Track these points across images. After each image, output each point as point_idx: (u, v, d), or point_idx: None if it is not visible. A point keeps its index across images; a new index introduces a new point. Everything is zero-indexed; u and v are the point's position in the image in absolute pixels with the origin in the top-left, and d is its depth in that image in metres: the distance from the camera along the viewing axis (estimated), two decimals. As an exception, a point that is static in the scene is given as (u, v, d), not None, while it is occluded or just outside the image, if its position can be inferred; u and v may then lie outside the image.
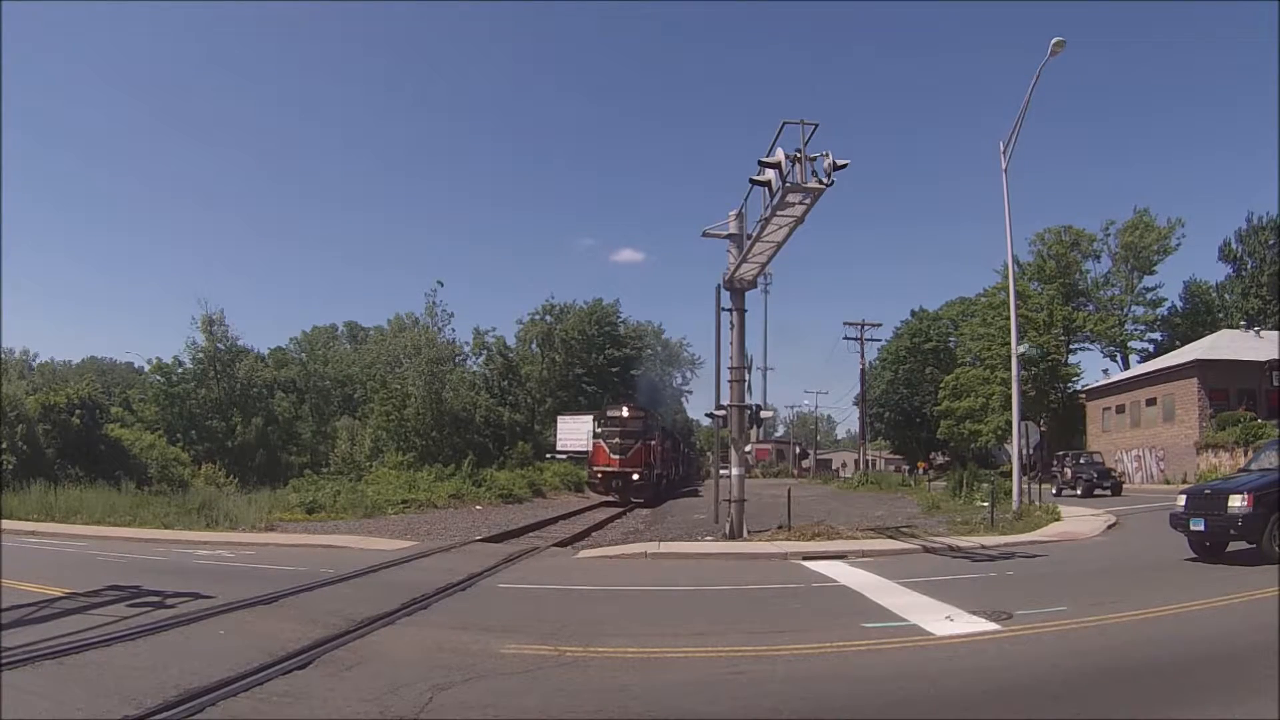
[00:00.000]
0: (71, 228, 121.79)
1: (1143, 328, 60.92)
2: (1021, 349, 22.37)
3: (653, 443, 33.15)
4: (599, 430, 33.21)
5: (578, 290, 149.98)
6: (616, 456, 31.53)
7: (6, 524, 16.37)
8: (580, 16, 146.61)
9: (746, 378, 18.74)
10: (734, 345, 17.14)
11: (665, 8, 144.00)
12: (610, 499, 31.11)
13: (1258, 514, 11.25)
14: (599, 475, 32.37)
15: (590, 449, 34.08)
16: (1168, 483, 36.60)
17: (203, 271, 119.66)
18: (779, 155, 11.87)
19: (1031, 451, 23.23)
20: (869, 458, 63.36)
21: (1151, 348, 59.11)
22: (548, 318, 61.41)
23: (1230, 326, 49.30)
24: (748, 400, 17.69)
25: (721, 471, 19.55)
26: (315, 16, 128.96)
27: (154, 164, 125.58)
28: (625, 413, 33.53)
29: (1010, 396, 23.15)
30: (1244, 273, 57.93)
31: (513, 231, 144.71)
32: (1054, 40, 18.43)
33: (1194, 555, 12.19)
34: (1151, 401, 43.98)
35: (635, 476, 31.04)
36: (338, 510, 22.93)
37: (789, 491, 19.82)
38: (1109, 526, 17.95)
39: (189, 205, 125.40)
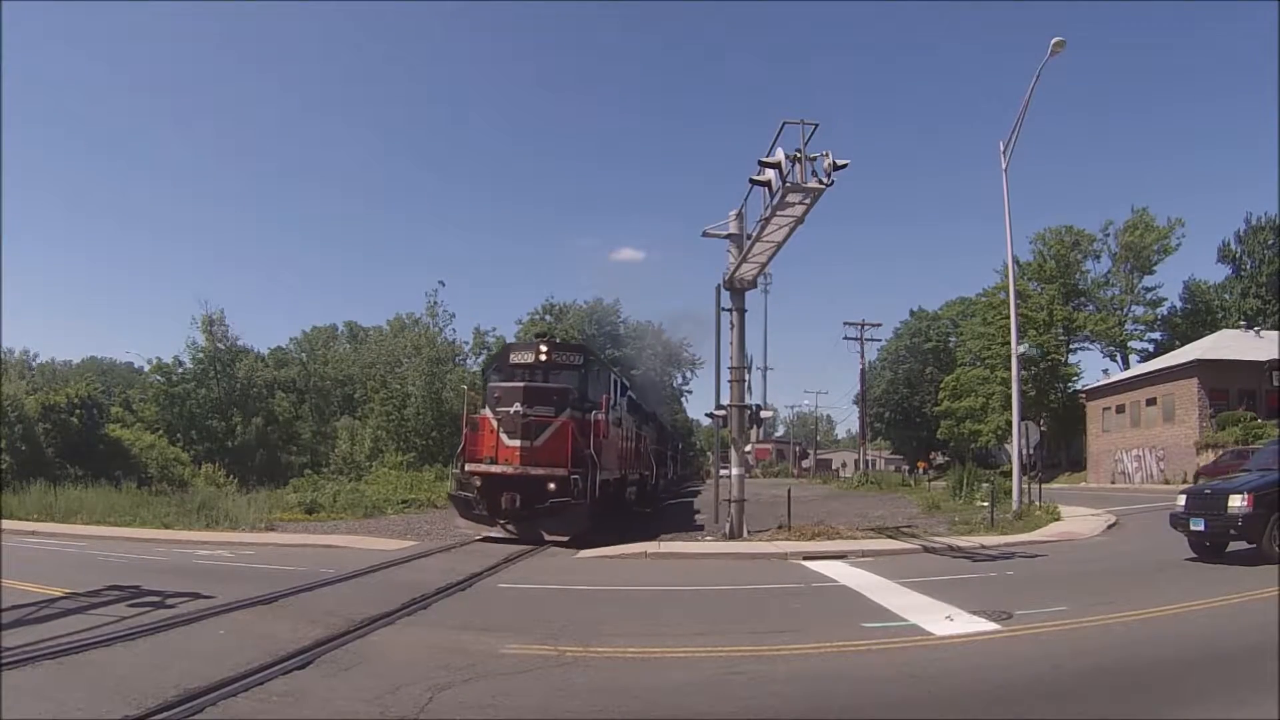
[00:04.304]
0: (72, 227, 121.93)
1: (1143, 328, 60.96)
2: (1021, 349, 22.38)
3: (597, 418, 16.58)
4: (492, 389, 16.88)
5: (578, 290, 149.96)
6: (515, 444, 15.47)
7: (6, 524, 16.36)
8: (581, 15, 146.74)
9: (746, 377, 18.73)
10: (734, 345, 17.14)
11: (666, 7, 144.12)
12: (496, 534, 15.98)
13: (1258, 514, 11.28)
14: (476, 481, 15.89)
15: (465, 431, 17.18)
16: (1168, 483, 36.60)
17: (203, 271, 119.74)
18: (779, 155, 11.87)
19: (1031, 451, 23.23)
20: (869, 458, 63.34)
21: (1151, 348, 59.13)
22: (548, 317, 61.45)
23: (1230, 326, 49.31)
24: (748, 400, 17.69)
25: (721, 471, 19.54)
26: (314, 15, 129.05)
27: (154, 163, 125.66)
28: (542, 355, 17.22)
29: (1010, 396, 23.16)
30: (1243, 273, 57.99)
31: (513, 231, 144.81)
32: (1054, 40, 18.44)
33: (1194, 555, 12.20)
34: (1151, 401, 43.98)
35: (552, 485, 15.26)
36: (338, 510, 22.92)
37: (789, 491, 19.82)
38: (1109, 526, 17.96)
39: (189, 204, 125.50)
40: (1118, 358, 61.18)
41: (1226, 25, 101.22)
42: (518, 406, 15.52)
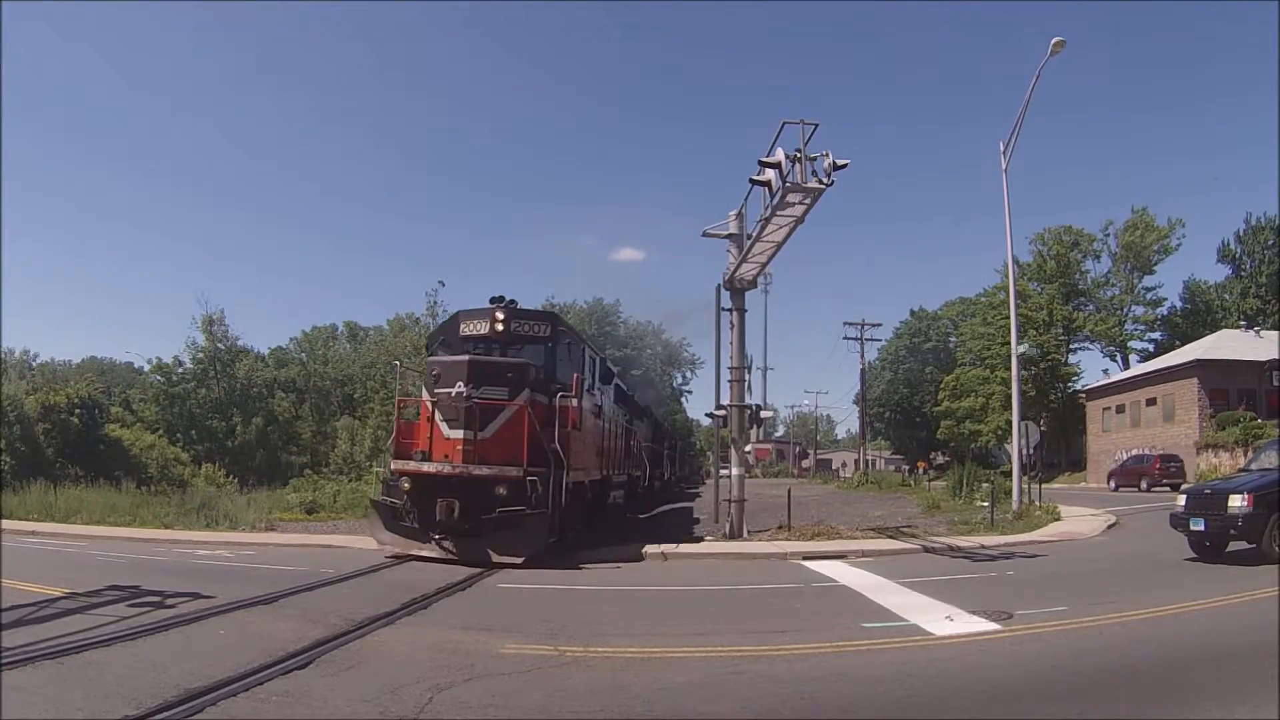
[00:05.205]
0: (72, 226, 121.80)
1: (1143, 328, 61.03)
2: (1021, 349, 22.39)
3: (567, 403, 13.41)
4: (431, 365, 13.70)
5: (578, 290, 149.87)
6: (458, 435, 12.51)
7: (6, 524, 16.36)
8: (582, 15, 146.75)
9: (746, 378, 18.70)
10: (734, 345, 17.14)
11: (666, 7, 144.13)
12: (429, 553, 12.47)
13: (1258, 514, 11.29)
14: (405, 484, 12.73)
15: (396, 419, 14.68)
16: (1168, 483, 36.59)
17: (203, 271, 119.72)
18: (779, 155, 11.87)
19: (1031, 451, 23.24)
20: (869, 458, 63.40)
21: (1151, 348, 59.18)
22: (548, 318, 61.40)
23: (1230, 326, 49.32)
24: (748, 400, 17.69)
25: (721, 471, 19.52)
26: (313, 15, 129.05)
27: (154, 163, 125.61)
28: (499, 324, 14.10)
29: (1010, 396, 23.17)
30: (1243, 273, 58.03)
31: (513, 231, 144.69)
32: (1054, 40, 18.47)
33: (1194, 555, 12.22)
34: (1151, 401, 43.98)
35: (501, 490, 12.25)
36: (338, 510, 22.90)
37: (789, 491, 19.82)
38: (1109, 526, 17.98)
39: (190, 204, 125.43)
40: (1118, 358, 61.30)
41: (1226, 25, 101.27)
42: (461, 386, 12.36)
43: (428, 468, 12.43)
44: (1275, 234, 55.93)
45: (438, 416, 12.75)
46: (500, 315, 14.10)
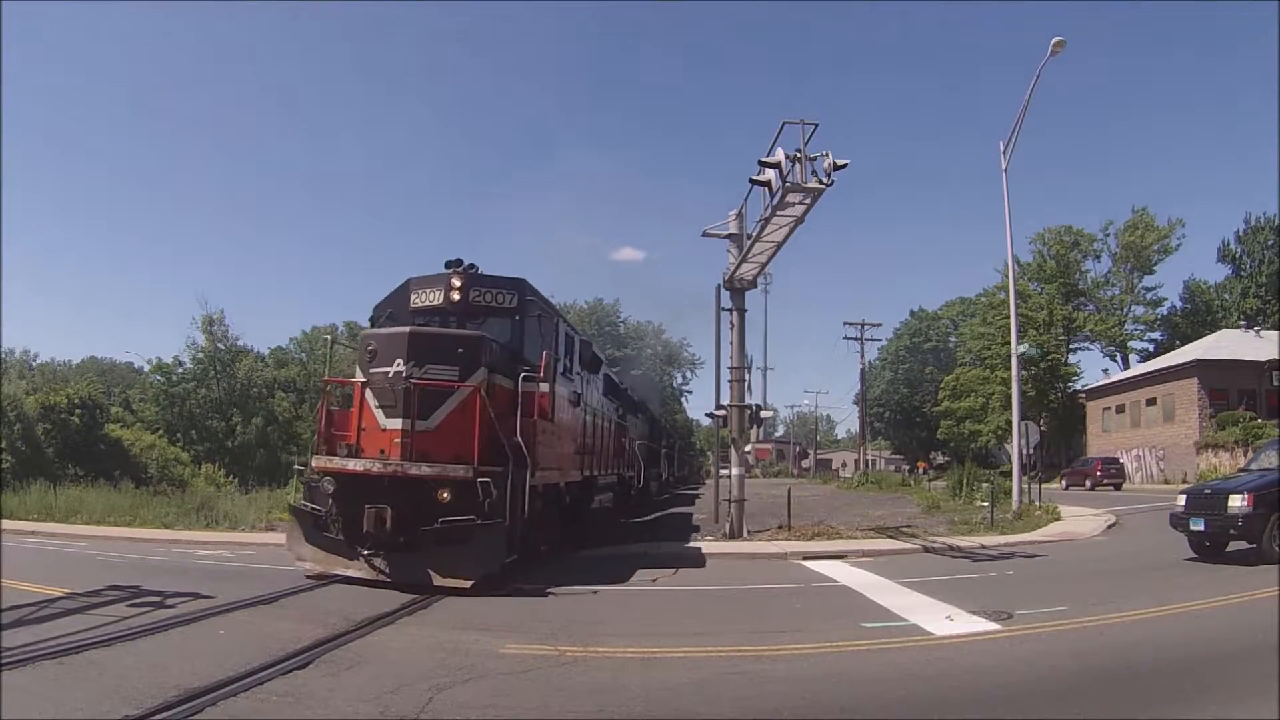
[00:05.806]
0: (72, 227, 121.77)
1: (1143, 328, 61.14)
2: (1021, 349, 22.41)
3: (534, 388, 10.84)
4: (366, 339, 11.09)
5: (578, 290, 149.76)
6: (395, 425, 9.96)
7: (6, 524, 16.33)
8: (581, 15, 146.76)
9: (746, 377, 18.69)
10: (734, 345, 17.15)
11: (666, 8, 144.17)
12: (356, 573, 9.94)
13: (1258, 514, 11.30)
14: (328, 486, 9.96)
15: (321, 406, 12.17)
16: (1167, 483, 36.63)
17: (203, 271, 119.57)
18: (779, 155, 11.87)
19: (1031, 451, 23.26)
20: (869, 458, 63.41)
21: (1152, 348, 59.29)
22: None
23: (1230, 326, 49.36)
24: (748, 400, 17.70)
25: (721, 471, 19.52)
26: (315, 16, 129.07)
27: (154, 163, 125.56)
28: (455, 292, 11.59)
29: (1010, 396, 23.18)
30: (1243, 273, 58.08)
31: (512, 230, 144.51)
32: (1054, 40, 18.52)
33: (1194, 555, 12.23)
34: (1151, 401, 44.03)
35: (445, 494, 9.64)
36: (338, 510, 22.84)
37: (789, 491, 19.83)
38: (1109, 526, 18.00)
39: (190, 204, 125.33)
40: (1118, 358, 61.36)
41: (1226, 25, 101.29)
42: (400, 364, 10.06)
43: (354, 465, 9.94)
44: (1275, 234, 56.01)
45: (371, 401, 10.32)
46: (456, 282, 11.62)
